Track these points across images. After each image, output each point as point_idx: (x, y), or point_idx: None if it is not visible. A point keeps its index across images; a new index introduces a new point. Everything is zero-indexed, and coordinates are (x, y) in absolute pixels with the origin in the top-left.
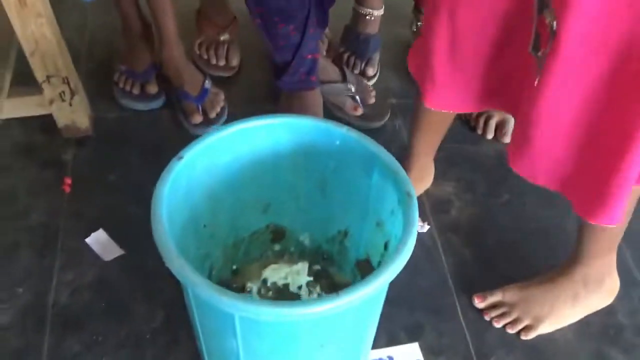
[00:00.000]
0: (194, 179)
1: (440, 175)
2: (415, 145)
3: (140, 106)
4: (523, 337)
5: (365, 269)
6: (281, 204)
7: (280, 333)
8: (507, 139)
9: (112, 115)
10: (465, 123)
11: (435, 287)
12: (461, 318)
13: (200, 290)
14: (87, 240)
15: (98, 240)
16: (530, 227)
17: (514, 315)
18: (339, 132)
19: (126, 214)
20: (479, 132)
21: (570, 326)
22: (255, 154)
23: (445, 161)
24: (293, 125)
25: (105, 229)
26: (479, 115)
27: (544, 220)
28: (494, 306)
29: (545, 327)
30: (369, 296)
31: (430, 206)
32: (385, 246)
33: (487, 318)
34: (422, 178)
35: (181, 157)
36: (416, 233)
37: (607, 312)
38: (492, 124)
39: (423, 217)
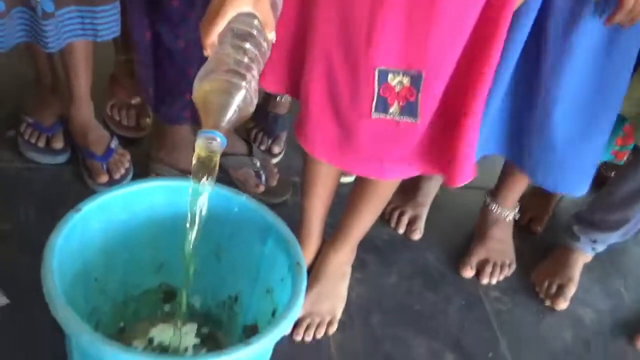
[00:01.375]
0: (90, 232)
1: None
2: (306, 209)
3: (45, 159)
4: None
5: (253, 335)
6: (175, 265)
7: None
8: (417, 235)
9: (14, 165)
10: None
11: None
12: None
13: (84, 341)
14: None
15: None
16: (414, 309)
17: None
18: (238, 200)
19: (16, 264)
20: (392, 225)
21: None
22: (153, 214)
23: None
24: (193, 189)
25: None
26: (394, 209)
27: (427, 303)
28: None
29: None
30: (253, 356)
31: None
32: (273, 313)
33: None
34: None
35: (79, 210)
36: (302, 301)
37: None
38: (405, 219)
39: None
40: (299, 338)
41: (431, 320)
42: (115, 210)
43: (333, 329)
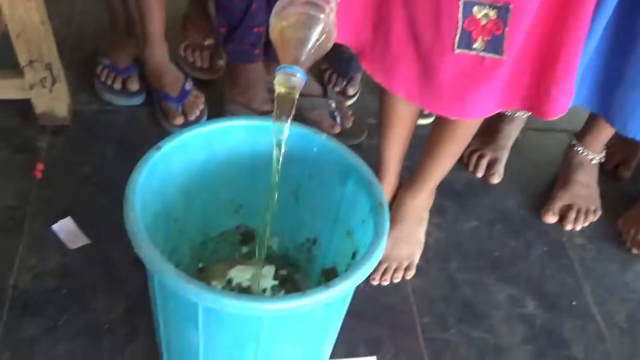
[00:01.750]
0: (170, 172)
1: None
2: (383, 151)
3: (121, 101)
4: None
5: (331, 278)
6: (254, 206)
7: (242, 328)
8: (496, 179)
9: (91, 108)
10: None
11: (397, 304)
12: (420, 336)
13: (167, 278)
14: (54, 227)
15: (65, 228)
16: (494, 256)
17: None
18: (317, 140)
19: (96, 205)
20: (470, 168)
21: (526, 352)
22: (233, 154)
23: None
24: (271, 128)
25: (74, 218)
26: (472, 152)
27: (508, 249)
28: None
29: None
30: (334, 298)
31: None
32: (354, 255)
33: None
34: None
35: (159, 148)
36: (385, 242)
37: (562, 345)
38: (484, 163)
39: None
40: (375, 283)
41: (512, 267)
42: (194, 149)
43: (411, 273)
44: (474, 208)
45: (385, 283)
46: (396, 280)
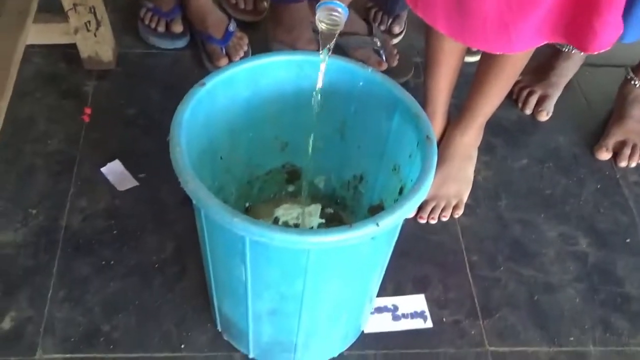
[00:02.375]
0: (215, 108)
1: None
2: (430, 89)
3: (164, 44)
4: None
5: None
6: (299, 144)
7: (289, 261)
8: (544, 117)
9: (135, 51)
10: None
11: (445, 243)
12: (469, 274)
13: (214, 212)
14: (103, 169)
15: (113, 170)
16: (545, 194)
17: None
18: (363, 73)
19: (143, 147)
20: (519, 105)
21: (578, 290)
22: (277, 90)
23: None
24: (316, 63)
25: (122, 160)
26: (522, 88)
27: (559, 187)
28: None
29: None
30: (381, 232)
31: None
32: (401, 191)
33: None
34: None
35: (204, 84)
36: (432, 177)
37: (615, 282)
38: (533, 99)
39: None
40: (423, 221)
41: (563, 205)
42: (239, 85)
43: (459, 212)
44: (524, 146)
45: (433, 222)
46: (444, 219)
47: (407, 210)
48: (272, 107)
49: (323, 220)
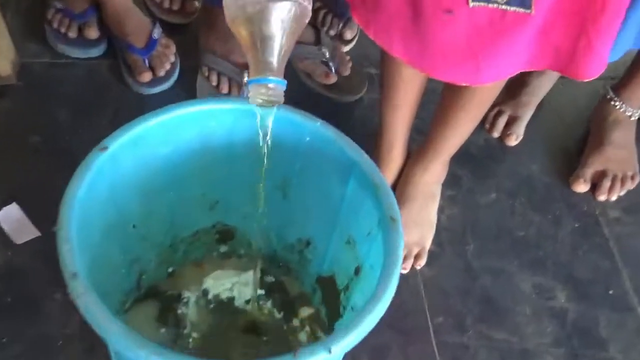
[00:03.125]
0: (123, 173)
1: None
2: (387, 119)
3: (77, 53)
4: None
5: (329, 288)
6: (232, 202)
7: None
8: (513, 142)
9: (41, 61)
10: None
11: (406, 301)
12: (433, 341)
13: (116, 341)
14: None
15: (10, 216)
16: (517, 236)
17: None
18: (310, 127)
19: (47, 186)
20: (486, 126)
21: (556, 357)
22: (203, 143)
23: None
24: (252, 113)
25: (20, 204)
26: (490, 108)
27: (533, 227)
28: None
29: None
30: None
31: None
32: (357, 272)
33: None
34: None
35: (105, 148)
36: (399, 272)
37: (598, 344)
38: (502, 121)
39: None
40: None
41: (537, 249)
42: (153, 142)
43: (422, 262)
44: (493, 176)
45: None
46: (404, 272)
47: (368, 327)
48: (198, 161)
49: (263, 292)
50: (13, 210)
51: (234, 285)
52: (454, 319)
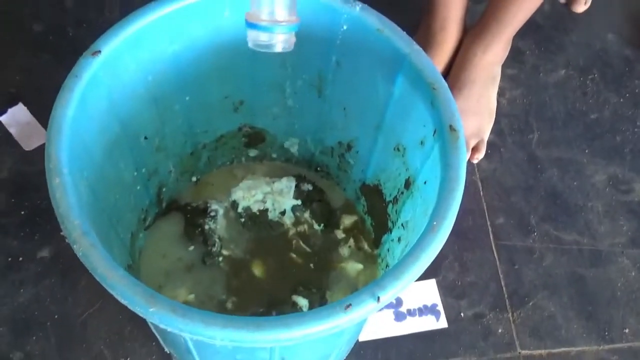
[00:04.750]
0: (123, 80)
1: None
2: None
3: None
4: None
5: (375, 198)
6: (259, 102)
7: (246, 355)
8: (582, 7)
9: None
10: None
11: (462, 203)
12: (493, 245)
13: (121, 294)
14: (2, 118)
15: (17, 119)
16: (589, 120)
17: None
18: (348, 13)
19: (56, 81)
20: None
21: (634, 259)
22: (219, 37)
23: None
24: None
25: (27, 103)
26: None
27: (608, 108)
28: None
29: None
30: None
31: None
32: (407, 185)
33: None
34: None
35: (97, 52)
36: (460, 198)
37: None
38: None
39: None
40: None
41: (613, 134)
42: (156, 41)
43: (480, 155)
44: (561, 50)
45: None
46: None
47: (420, 269)
48: (214, 59)
49: (299, 202)
50: (19, 111)
51: (266, 195)
52: (517, 218)
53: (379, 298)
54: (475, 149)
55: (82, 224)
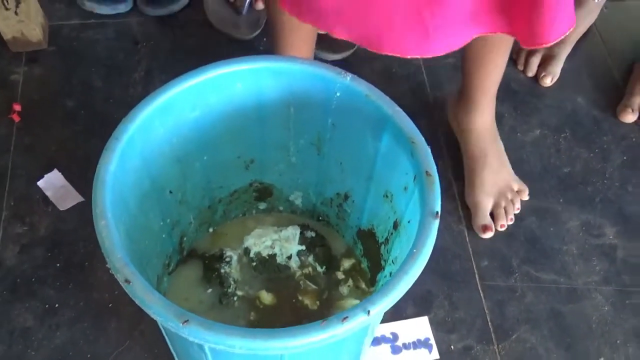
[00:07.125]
0: (153, 142)
1: None
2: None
3: (105, 9)
4: None
5: (369, 241)
6: (267, 161)
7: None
8: (547, 82)
9: (70, 23)
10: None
11: (448, 246)
12: (479, 285)
13: (156, 313)
14: (39, 183)
15: (52, 183)
16: (563, 173)
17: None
18: (340, 82)
19: (86, 150)
20: (520, 67)
21: (606, 295)
22: (233, 105)
23: None
24: (280, 70)
25: (61, 170)
26: (521, 48)
27: (579, 162)
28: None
29: None
30: (371, 320)
31: (447, 145)
32: (395, 225)
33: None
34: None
35: (133, 119)
36: (436, 230)
37: None
38: (535, 61)
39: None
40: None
41: (585, 185)
42: (181, 108)
43: (525, 195)
44: (536, 112)
45: (504, 228)
46: (517, 212)
47: (404, 289)
48: (228, 123)
49: (303, 247)
50: (55, 176)
51: (275, 242)
52: (500, 261)
53: (369, 311)
54: (519, 191)
55: (123, 257)
